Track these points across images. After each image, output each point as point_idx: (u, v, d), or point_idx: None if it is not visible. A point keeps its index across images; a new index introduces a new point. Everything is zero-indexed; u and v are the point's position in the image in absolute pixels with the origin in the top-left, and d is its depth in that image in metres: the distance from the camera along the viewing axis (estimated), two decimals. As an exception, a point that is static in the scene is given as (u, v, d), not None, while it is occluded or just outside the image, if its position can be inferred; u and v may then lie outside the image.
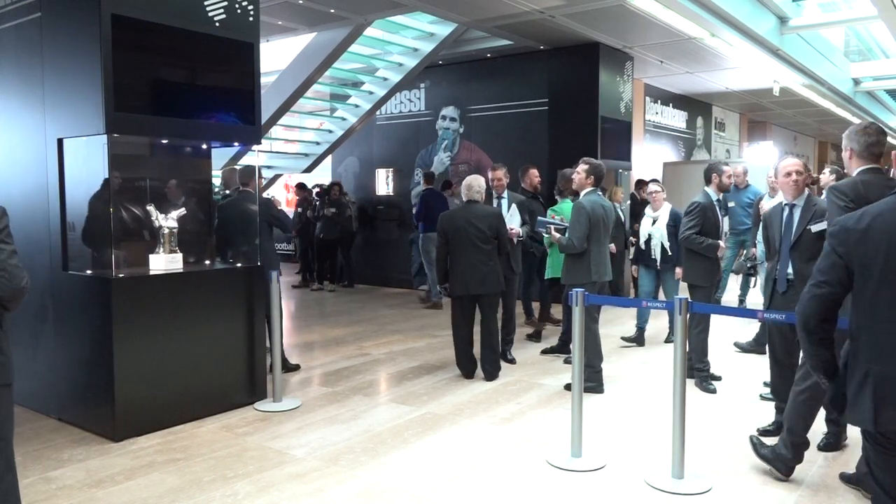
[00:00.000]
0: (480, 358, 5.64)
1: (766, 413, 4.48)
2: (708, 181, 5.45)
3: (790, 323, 3.77)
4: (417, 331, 7.65)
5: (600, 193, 5.41)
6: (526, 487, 3.50)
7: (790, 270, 3.99)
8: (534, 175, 7.18)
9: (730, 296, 9.00)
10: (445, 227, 5.52)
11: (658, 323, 7.81)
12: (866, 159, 3.36)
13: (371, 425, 4.46)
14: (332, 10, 7.63)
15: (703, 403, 4.90)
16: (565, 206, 6.61)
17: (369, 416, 4.66)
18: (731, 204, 7.59)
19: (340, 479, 3.61)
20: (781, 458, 3.59)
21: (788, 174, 4.03)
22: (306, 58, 8.63)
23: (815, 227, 3.87)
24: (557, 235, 5.32)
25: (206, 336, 4.63)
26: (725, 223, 6.30)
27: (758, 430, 4.24)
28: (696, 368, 5.26)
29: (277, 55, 9.23)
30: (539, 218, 6.24)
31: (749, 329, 7.42)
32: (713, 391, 5.16)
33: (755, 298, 7.92)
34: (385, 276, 11.42)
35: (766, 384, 5.08)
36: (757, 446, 3.74)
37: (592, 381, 5.11)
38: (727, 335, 7.12)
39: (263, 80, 5.23)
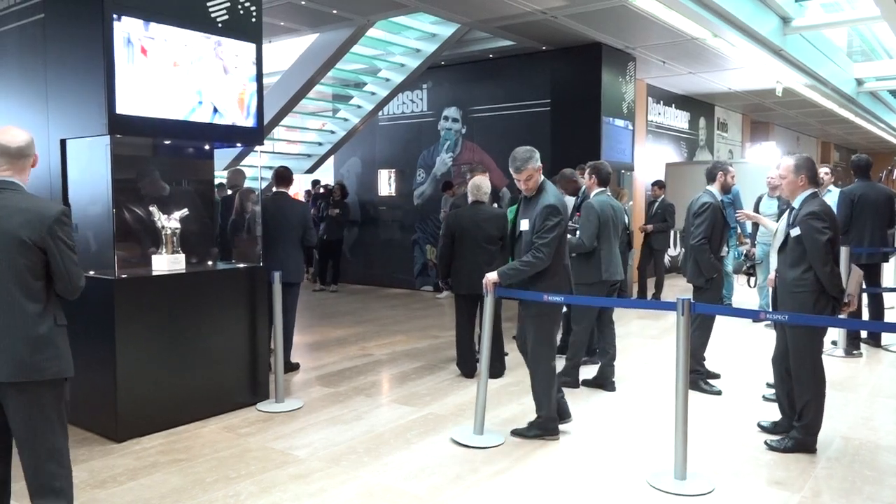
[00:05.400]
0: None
1: (768, 414, 4.47)
2: (712, 180, 5.26)
3: (793, 323, 3.78)
4: (420, 331, 7.65)
5: (609, 194, 5.43)
6: (527, 488, 3.50)
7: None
8: None
9: (738, 297, 8.97)
10: (452, 227, 5.57)
11: (662, 323, 7.81)
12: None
13: (373, 426, 4.46)
14: (335, 11, 7.63)
15: (706, 404, 4.89)
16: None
17: (371, 416, 4.66)
18: None
19: (343, 479, 3.61)
20: (807, 440, 3.90)
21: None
22: (309, 59, 8.62)
23: (793, 232, 3.86)
24: (568, 236, 5.34)
25: (208, 336, 4.63)
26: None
27: (758, 424, 4.24)
28: (693, 370, 5.24)
29: (280, 56, 9.23)
30: None
31: (750, 328, 7.41)
32: (718, 392, 5.14)
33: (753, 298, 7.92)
34: (387, 276, 11.42)
35: (768, 385, 5.07)
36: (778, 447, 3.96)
37: (569, 375, 5.29)
38: (731, 336, 7.10)
39: (266, 80, 5.24)
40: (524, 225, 4.11)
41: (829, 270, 3.71)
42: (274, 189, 5.91)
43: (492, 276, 4.08)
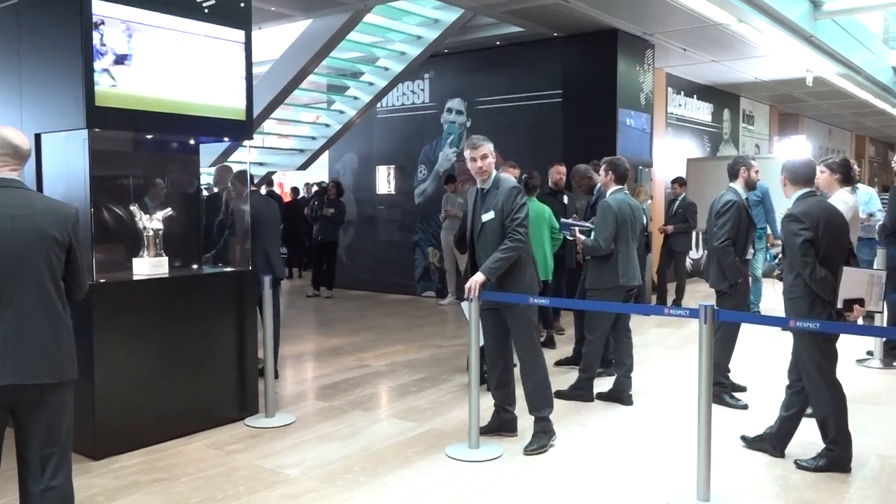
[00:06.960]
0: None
1: (800, 431, 4.44)
2: (735, 176, 5.27)
3: (824, 332, 3.77)
4: (421, 340, 7.65)
5: (626, 192, 5.43)
6: (538, 510, 3.50)
7: None
8: (555, 172, 7.32)
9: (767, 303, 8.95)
10: (464, 226, 5.58)
11: (684, 332, 7.80)
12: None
13: (371, 442, 4.46)
14: (330, -5, 7.66)
15: (731, 419, 4.88)
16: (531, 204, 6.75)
17: (369, 432, 4.67)
18: None
19: (338, 500, 3.61)
20: (839, 456, 3.89)
21: None
22: (302, 46, 8.64)
23: None
24: (582, 237, 5.33)
25: (193, 346, 4.63)
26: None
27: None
28: (716, 383, 5.22)
29: (270, 44, 9.25)
30: (562, 220, 6.24)
31: (779, 337, 7.39)
32: (744, 406, 5.13)
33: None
34: (386, 281, 11.44)
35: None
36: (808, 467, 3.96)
37: (583, 388, 5.33)
38: (758, 346, 7.09)
39: (255, 70, 5.25)
40: (487, 215, 4.26)
41: (810, 273, 3.78)
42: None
43: (478, 278, 4.12)
